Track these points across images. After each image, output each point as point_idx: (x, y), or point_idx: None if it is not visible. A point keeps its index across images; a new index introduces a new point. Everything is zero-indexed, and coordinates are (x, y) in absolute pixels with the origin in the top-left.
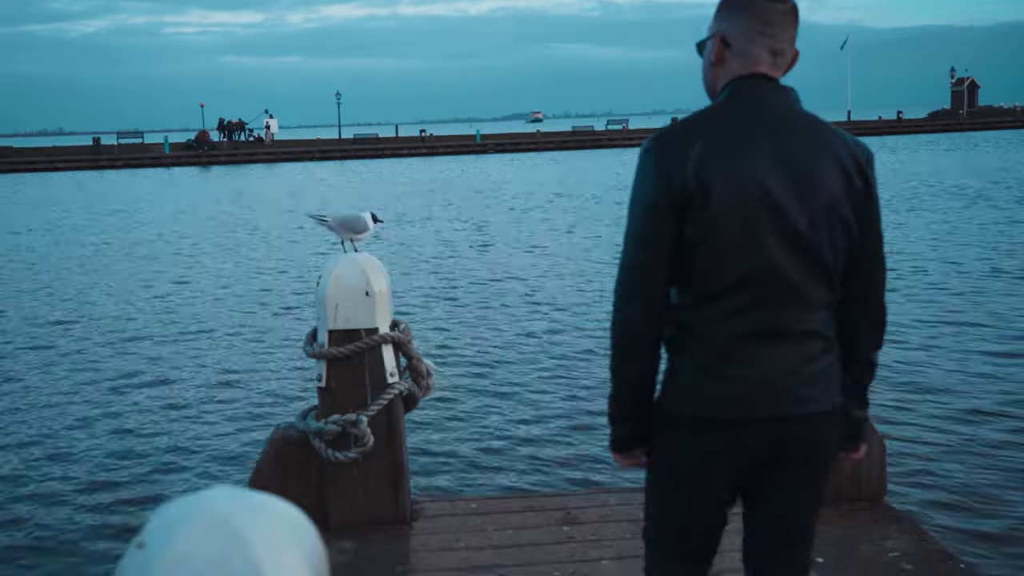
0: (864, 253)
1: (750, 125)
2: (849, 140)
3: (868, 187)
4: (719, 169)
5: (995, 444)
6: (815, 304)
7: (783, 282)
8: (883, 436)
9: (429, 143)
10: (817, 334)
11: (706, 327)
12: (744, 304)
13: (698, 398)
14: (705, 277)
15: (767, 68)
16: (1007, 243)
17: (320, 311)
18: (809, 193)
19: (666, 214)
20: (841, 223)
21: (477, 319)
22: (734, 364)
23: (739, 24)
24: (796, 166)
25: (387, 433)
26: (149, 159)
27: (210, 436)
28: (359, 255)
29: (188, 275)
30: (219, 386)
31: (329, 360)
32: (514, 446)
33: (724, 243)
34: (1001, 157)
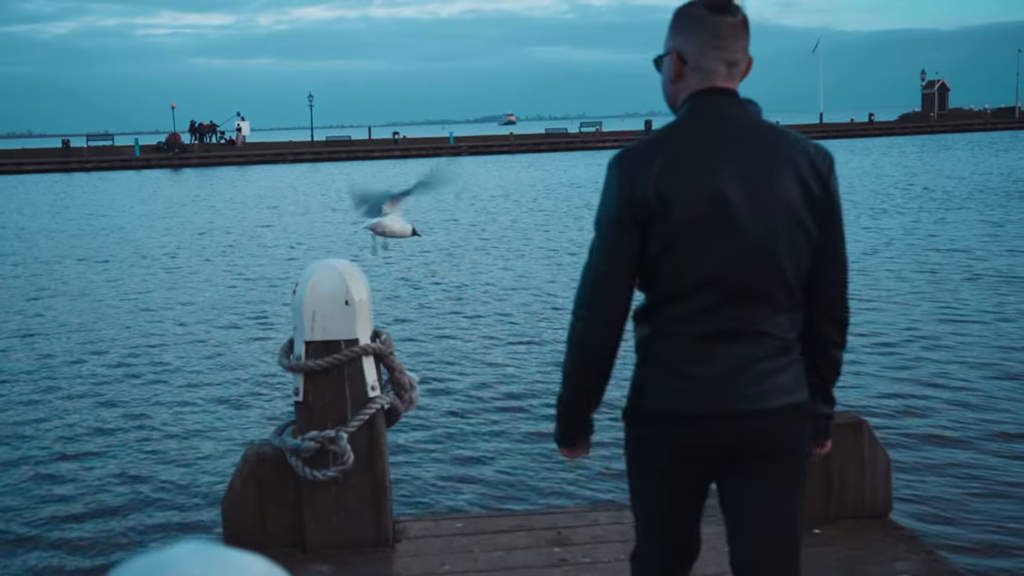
0: (826, 256)
1: (709, 139)
2: (810, 148)
3: (827, 193)
4: (680, 183)
5: (1007, 457)
6: (776, 307)
7: (743, 288)
8: (887, 450)
9: (402, 145)
10: (775, 336)
11: (669, 328)
12: (705, 307)
13: (662, 396)
14: (668, 283)
15: (723, 81)
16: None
17: (296, 321)
18: (767, 203)
19: (629, 228)
20: (800, 229)
21: (456, 327)
22: (695, 363)
23: (692, 40)
24: (754, 177)
25: (368, 450)
26: (119, 161)
27: (180, 453)
28: (338, 262)
29: (158, 282)
30: (190, 400)
31: (306, 373)
32: (500, 461)
33: (686, 253)
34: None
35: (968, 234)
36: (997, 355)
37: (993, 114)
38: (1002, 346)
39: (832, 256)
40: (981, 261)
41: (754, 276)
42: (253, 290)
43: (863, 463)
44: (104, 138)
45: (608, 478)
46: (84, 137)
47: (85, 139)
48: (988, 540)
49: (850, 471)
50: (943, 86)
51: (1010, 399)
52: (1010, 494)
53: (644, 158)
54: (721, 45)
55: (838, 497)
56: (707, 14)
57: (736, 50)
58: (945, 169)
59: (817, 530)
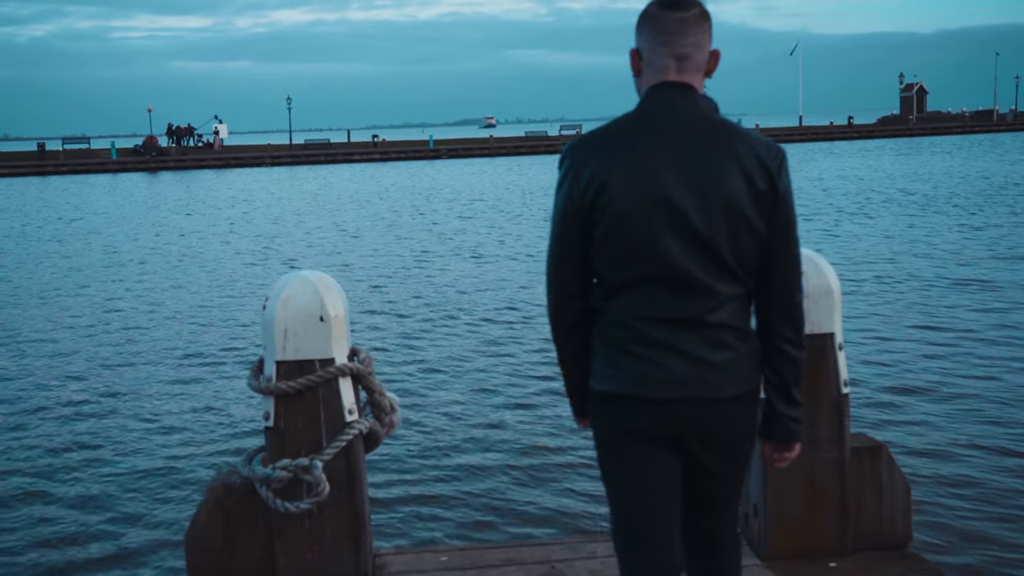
0: (775, 252)
1: (653, 131)
2: (759, 145)
3: (775, 189)
4: (621, 174)
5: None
6: (720, 297)
7: (685, 277)
8: (908, 476)
9: (381, 148)
10: (728, 325)
11: (621, 315)
12: (653, 295)
13: (613, 378)
14: (614, 271)
15: (675, 75)
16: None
17: (267, 339)
18: (707, 194)
19: (574, 217)
20: (744, 223)
21: (435, 341)
22: (645, 347)
23: (645, 37)
24: (696, 169)
25: (345, 479)
26: (95, 164)
27: (139, 481)
28: (312, 273)
29: (125, 292)
30: (152, 423)
31: (277, 396)
32: (485, 484)
33: (627, 242)
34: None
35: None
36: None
37: (971, 117)
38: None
39: (782, 252)
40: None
41: (696, 269)
42: (225, 301)
43: (881, 489)
44: (80, 141)
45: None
46: (60, 140)
47: (61, 142)
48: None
49: (867, 498)
50: (921, 89)
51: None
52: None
53: (591, 149)
54: (668, 40)
55: (855, 526)
56: (657, 11)
57: (684, 44)
58: (924, 172)
59: (833, 563)
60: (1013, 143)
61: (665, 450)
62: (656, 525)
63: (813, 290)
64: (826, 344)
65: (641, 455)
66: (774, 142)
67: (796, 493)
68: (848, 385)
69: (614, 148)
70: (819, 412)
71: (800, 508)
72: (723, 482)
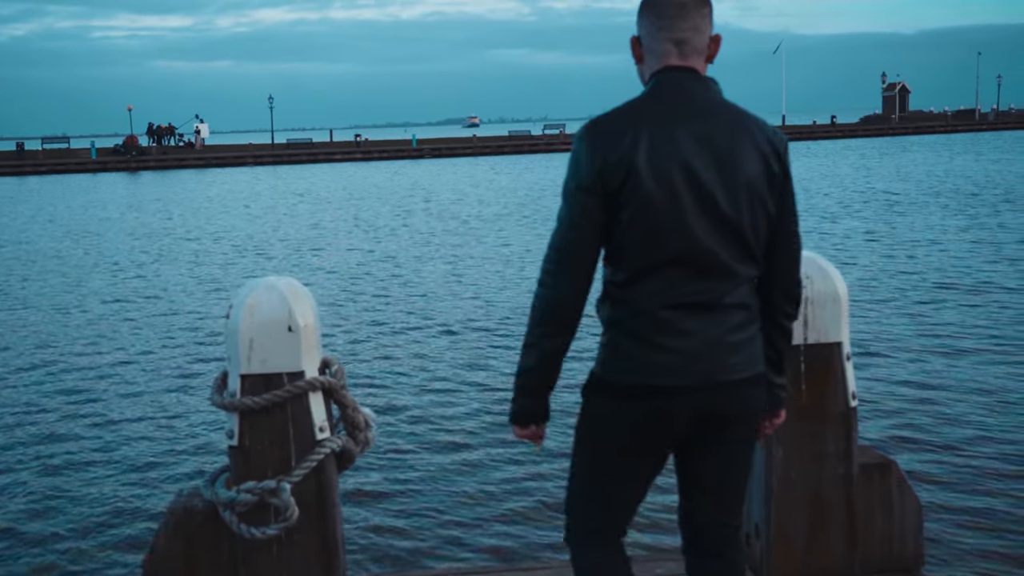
0: (781, 232)
1: (674, 111)
2: (767, 128)
3: (784, 172)
4: (647, 153)
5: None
6: (741, 278)
7: (711, 259)
8: (920, 495)
9: (364, 148)
10: (743, 306)
11: (640, 302)
12: (675, 279)
13: (636, 368)
14: (638, 255)
15: (676, 59)
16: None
17: (230, 350)
18: (732, 175)
19: (598, 196)
20: (762, 205)
21: (413, 350)
22: (668, 335)
23: (644, 23)
24: (719, 149)
25: (316, 502)
26: (74, 164)
27: (92, 503)
28: (279, 279)
29: (87, 293)
30: (107, 439)
31: (242, 412)
32: (470, 508)
33: (654, 223)
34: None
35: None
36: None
37: (953, 116)
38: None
39: (787, 233)
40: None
41: (721, 250)
42: (194, 308)
43: (891, 509)
44: (60, 141)
45: None
46: (39, 140)
47: (40, 142)
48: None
49: (876, 518)
50: (904, 88)
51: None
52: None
53: (613, 128)
54: (666, 25)
55: (863, 548)
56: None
57: (683, 28)
58: (906, 171)
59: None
60: (995, 142)
61: (669, 439)
62: (626, 504)
63: (819, 296)
64: (833, 354)
65: (648, 449)
66: (775, 126)
67: (800, 512)
68: (856, 398)
69: (637, 129)
70: (826, 426)
71: (805, 528)
72: (737, 469)
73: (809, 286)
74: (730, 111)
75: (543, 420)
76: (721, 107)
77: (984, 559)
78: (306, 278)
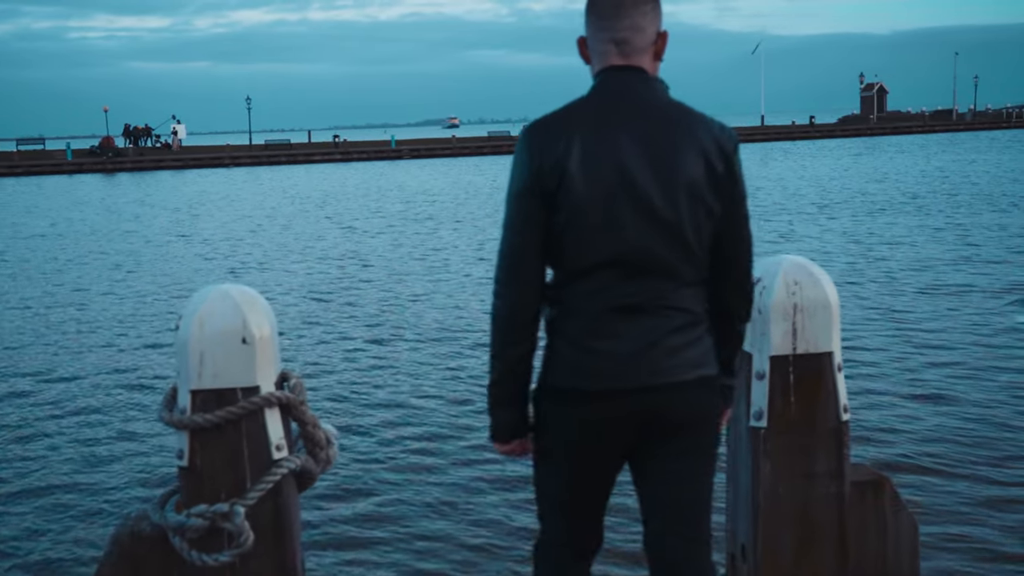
0: (729, 234)
1: (612, 112)
2: (714, 127)
3: (730, 172)
4: (582, 155)
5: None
6: (681, 280)
7: (647, 260)
8: (916, 513)
9: (343, 149)
10: (682, 309)
11: (575, 303)
12: (610, 281)
13: (569, 371)
14: (572, 257)
15: (618, 59)
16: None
17: (181, 364)
18: (669, 175)
19: (536, 199)
20: (703, 206)
21: (379, 362)
22: (601, 338)
23: (587, 25)
24: (656, 149)
25: (273, 526)
26: (50, 166)
27: (30, 527)
28: (233, 287)
29: (33, 299)
30: (47, 457)
31: (192, 430)
32: (439, 527)
33: (589, 224)
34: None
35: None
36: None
37: (931, 116)
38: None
39: (737, 234)
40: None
41: (658, 251)
42: (149, 316)
43: (885, 528)
44: (35, 142)
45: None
46: (14, 141)
47: (15, 143)
48: None
49: (869, 538)
50: (881, 89)
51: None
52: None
53: (551, 132)
54: (605, 26)
55: (855, 569)
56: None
57: (622, 28)
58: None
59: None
60: (972, 142)
61: (615, 444)
62: (586, 512)
63: (808, 303)
64: (823, 365)
65: (589, 452)
66: (726, 125)
67: (789, 532)
68: (848, 411)
69: (573, 131)
70: (815, 442)
71: (794, 549)
72: (694, 478)
73: (798, 293)
74: (673, 110)
75: (524, 433)
76: (664, 107)
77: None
78: (270, 284)
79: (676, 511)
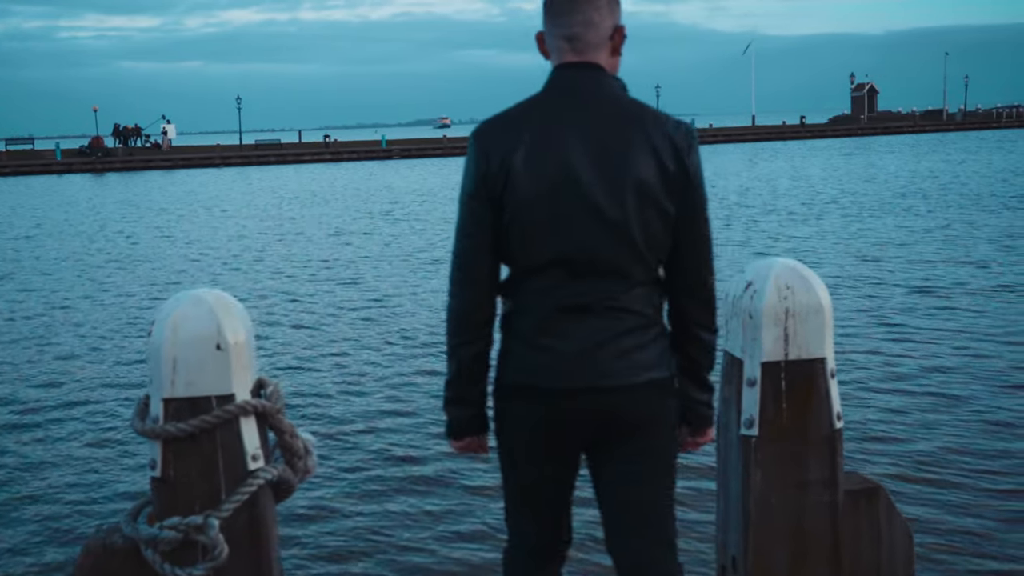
0: (686, 235)
1: (562, 110)
2: (668, 124)
3: (684, 170)
4: (527, 155)
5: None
6: (631, 280)
7: (594, 260)
8: (910, 522)
9: (333, 149)
10: (632, 310)
11: (527, 301)
12: (559, 281)
13: (520, 369)
14: (522, 255)
15: (571, 56)
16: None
17: (153, 371)
18: (616, 173)
19: (483, 200)
20: (654, 206)
21: (361, 368)
22: (550, 336)
23: (543, 22)
24: (603, 147)
25: (249, 538)
26: (39, 166)
27: (3, 539)
28: (209, 292)
29: (23, 302)
30: (24, 469)
31: (165, 440)
32: (422, 537)
33: (534, 223)
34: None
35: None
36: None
37: (921, 116)
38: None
39: (693, 235)
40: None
41: (605, 251)
42: (127, 320)
43: (880, 538)
44: (25, 142)
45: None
46: (3, 141)
47: (4, 143)
48: None
49: (864, 548)
50: (872, 89)
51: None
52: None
53: (498, 132)
54: (557, 22)
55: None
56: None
57: (573, 24)
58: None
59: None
60: (962, 143)
61: (568, 443)
62: (547, 512)
63: (800, 308)
64: (816, 371)
65: (542, 450)
66: (683, 120)
67: (781, 543)
68: (842, 418)
69: (520, 130)
70: (808, 450)
71: (786, 560)
72: (644, 483)
73: (790, 297)
74: (625, 108)
75: (479, 431)
76: (616, 104)
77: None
78: (251, 286)
79: (635, 514)
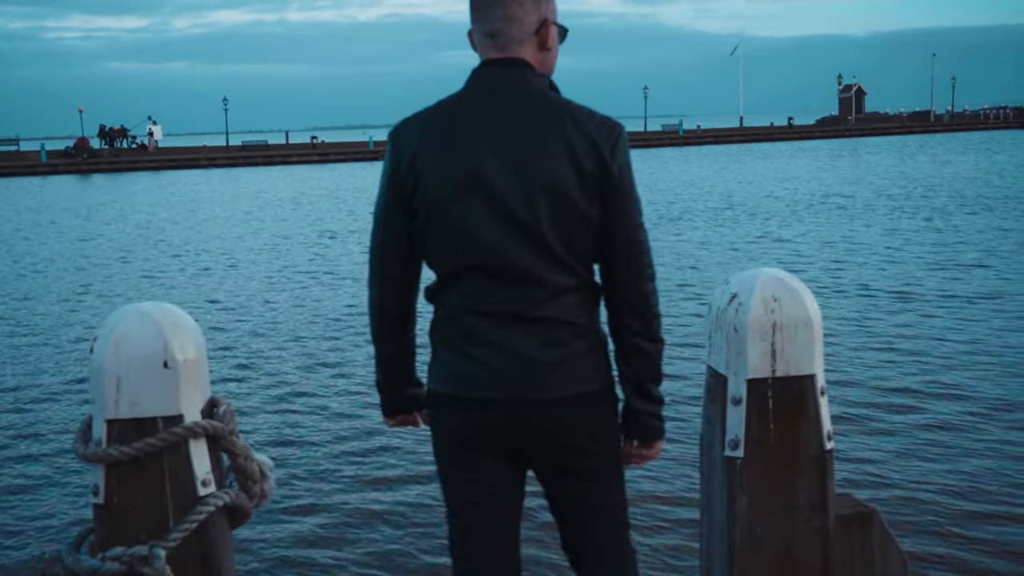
0: (613, 238)
1: (475, 110)
2: (591, 122)
3: (606, 170)
4: (436, 157)
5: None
6: (551, 289)
7: (508, 266)
8: (905, 548)
9: (321, 150)
10: (555, 320)
11: (450, 307)
12: (479, 286)
13: (445, 376)
14: (438, 260)
15: (494, 52)
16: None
17: (95, 391)
18: (528, 176)
19: (394, 200)
20: (569, 207)
21: (324, 382)
22: (473, 344)
23: (470, 18)
24: (515, 149)
25: (200, 569)
26: (24, 167)
27: None
28: (156, 305)
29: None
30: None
31: (108, 464)
32: (393, 550)
33: (447, 228)
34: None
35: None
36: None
37: (909, 118)
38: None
39: (621, 238)
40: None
41: (518, 255)
42: (76, 335)
43: (873, 564)
44: (10, 143)
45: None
46: None
47: None
48: None
49: (856, 575)
50: (860, 90)
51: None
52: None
53: (412, 132)
54: (479, 17)
55: None
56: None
57: (493, 20)
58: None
59: None
60: (949, 144)
61: (499, 456)
62: (485, 530)
63: (788, 321)
64: (805, 388)
65: (472, 462)
66: (611, 119)
67: (769, 571)
68: (832, 438)
69: (432, 131)
70: (797, 472)
71: None
72: (588, 492)
73: (777, 310)
74: (545, 106)
75: (408, 410)
76: (534, 101)
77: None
78: (213, 297)
79: (584, 522)
